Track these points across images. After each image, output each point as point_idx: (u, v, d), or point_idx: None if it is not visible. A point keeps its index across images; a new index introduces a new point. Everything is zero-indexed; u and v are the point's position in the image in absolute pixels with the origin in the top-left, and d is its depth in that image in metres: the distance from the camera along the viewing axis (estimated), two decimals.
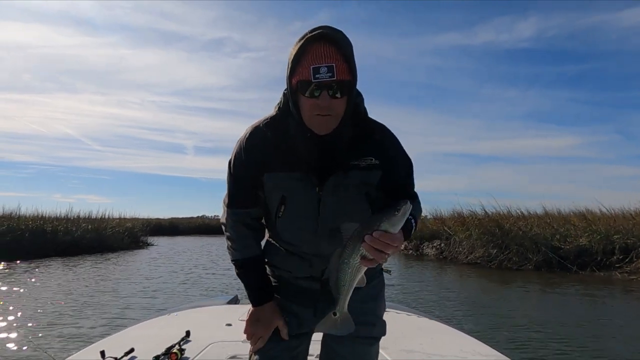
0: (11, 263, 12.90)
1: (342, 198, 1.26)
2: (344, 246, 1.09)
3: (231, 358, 2.06)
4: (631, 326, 6.00)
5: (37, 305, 6.95)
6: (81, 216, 20.55)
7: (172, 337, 2.23)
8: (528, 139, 40.69)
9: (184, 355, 2.07)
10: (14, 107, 51.71)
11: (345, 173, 1.26)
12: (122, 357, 1.99)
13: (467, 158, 43.82)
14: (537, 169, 36.22)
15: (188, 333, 2.31)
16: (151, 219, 34.37)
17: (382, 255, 1.05)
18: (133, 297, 7.75)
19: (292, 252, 1.37)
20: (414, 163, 1.38)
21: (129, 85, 70.22)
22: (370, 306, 1.40)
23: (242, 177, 1.33)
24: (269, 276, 1.45)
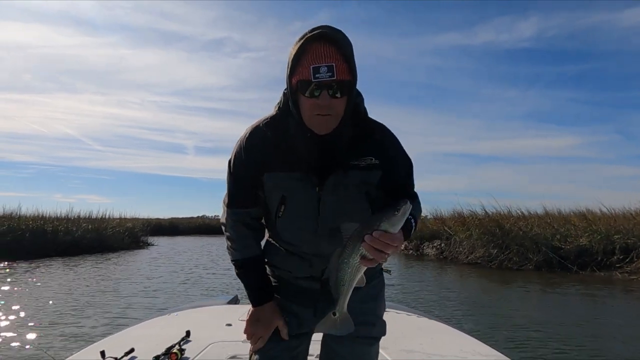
0: (12, 263, 12.90)
1: (342, 197, 1.26)
2: (344, 246, 1.09)
3: (231, 358, 2.06)
4: (631, 326, 6.00)
5: (38, 305, 6.95)
6: (81, 216, 20.58)
7: (172, 337, 2.23)
8: (528, 139, 40.69)
9: (184, 355, 2.07)
10: (14, 107, 51.78)
11: (345, 172, 1.26)
12: (122, 357, 1.99)
13: (467, 158, 43.83)
14: (537, 169, 36.24)
15: (188, 333, 2.31)
16: (151, 219, 34.40)
17: (382, 255, 1.05)
18: (134, 297, 7.75)
19: (292, 252, 1.37)
20: (414, 163, 1.38)
21: (129, 85, 70.29)
22: (370, 306, 1.40)
23: (242, 177, 1.33)
24: (269, 276, 1.45)
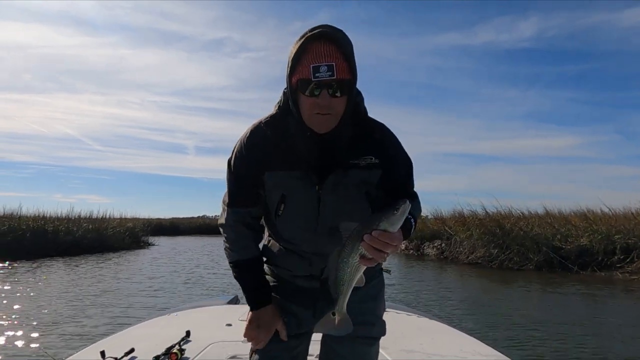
0: (12, 263, 12.91)
1: (342, 197, 1.26)
2: (343, 245, 1.08)
3: (231, 358, 2.06)
4: (632, 326, 5.99)
5: (39, 304, 6.95)
6: (82, 216, 20.59)
7: (172, 337, 2.23)
8: (528, 139, 40.69)
9: (184, 355, 2.07)
10: (14, 107, 51.82)
11: (345, 172, 1.25)
12: (122, 357, 1.99)
13: (467, 158, 43.83)
14: (537, 169, 36.24)
15: (188, 333, 2.32)
16: (152, 219, 34.39)
17: (382, 254, 1.05)
18: (134, 297, 7.76)
19: (292, 251, 1.36)
20: (414, 163, 1.38)
21: (129, 85, 70.33)
22: (369, 306, 1.40)
23: (243, 176, 1.32)
24: (268, 276, 1.45)
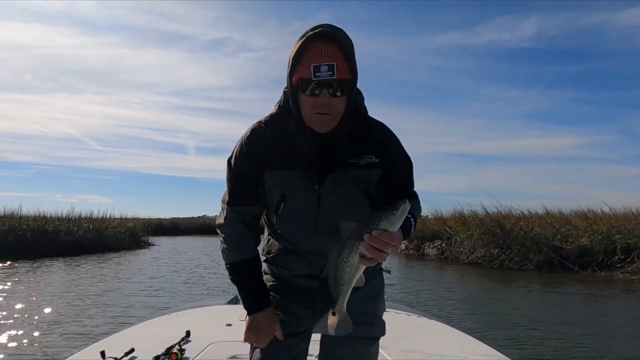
0: (13, 263, 12.92)
1: (342, 196, 1.26)
2: (343, 245, 1.08)
3: (231, 358, 2.06)
4: (632, 325, 5.99)
5: (39, 304, 6.96)
6: (82, 216, 20.57)
7: (173, 337, 2.23)
8: (528, 139, 40.69)
9: (184, 355, 2.07)
10: (15, 107, 51.83)
11: (345, 171, 1.25)
12: (122, 357, 1.99)
13: (467, 158, 43.85)
14: (538, 169, 36.23)
15: (188, 333, 2.31)
16: (152, 219, 34.44)
17: (381, 254, 1.05)
18: (135, 297, 7.76)
19: (292, 250, 1.36)
20: (414, 163, 1.38)
21: (130, 85, 70.39)
22: (369, 306, 1.40)
23: (243, 175, 1.32)
24: (268, 275, 1.45)
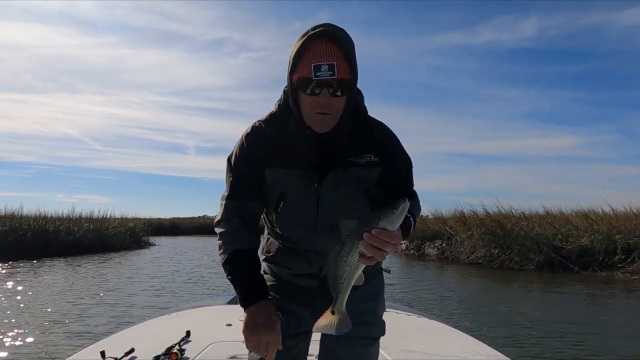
0: (14, 263, 12.93)
1: (342, 195, 1.26)
2: (343, 243, 1.08)
3: (231, 358, 2.06)
4: (632, 325, 6.00)
5: (39, 304, 6.96)
6: (83, 216, 20.62)
7: (173, 337, 2.23)
8: (529, 139, 40.61)
9: (184, 355, 2.07)
10: (15, 107, 51.75)
11: (345, 170, 1.26)
12: (122, 357, 1.99)
13: (468, 158, 43.81)
14: (538, 169, 36.21)
15: (188, 333, 2.31)
16: (153, 219, 34.49)
17: (381, 252, 1.04)
18: (135, 297, 7.77)
19: (291, 249, 1.36)
20: (414, 163, 1.38)
21: (130, 85, 70.30)
22: (369, 306, 1.39)
23: (244, 174, 1.31)
24: (267, 275, 1.44)
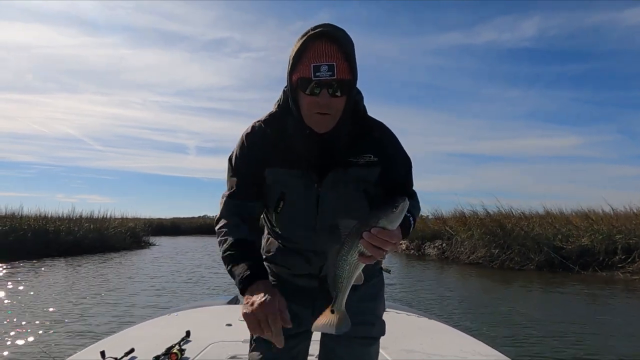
0: (14, 263, 12.94)
1: (342, 195, 1.26)
2: (342, 243, 1.08)
3: (231, 358, 2.06)
4: (632, 325, 6.00)
5: (39, 304, 6.96)
6: (83, 216, 20.57)
7: (173, 337, 2.23)
8: (529, 139, 40.54)
9: (184, 355, 2.07)
10: (15, 107, 51.71)
11: (344, 170, 1.26)
12: (122, 357, 1.99)
13: (468, 158, 43.80)
14: (538, 169, 36.17)
15: (188, 333, 2.32)
16: (153, 219, 34.50)
17: (380, 252, 1.04)
18: (136, 297, 7.77)
19: (291, 249, 1.36)
20: (414, 163, 1.38)
21: (130, 85, 70.37)
22: (369, 306, 1.39)
23: (244, 174, 1.32)
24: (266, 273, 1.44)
